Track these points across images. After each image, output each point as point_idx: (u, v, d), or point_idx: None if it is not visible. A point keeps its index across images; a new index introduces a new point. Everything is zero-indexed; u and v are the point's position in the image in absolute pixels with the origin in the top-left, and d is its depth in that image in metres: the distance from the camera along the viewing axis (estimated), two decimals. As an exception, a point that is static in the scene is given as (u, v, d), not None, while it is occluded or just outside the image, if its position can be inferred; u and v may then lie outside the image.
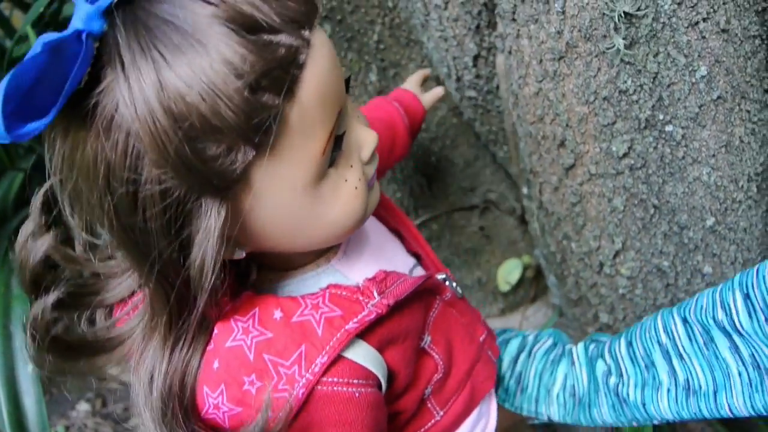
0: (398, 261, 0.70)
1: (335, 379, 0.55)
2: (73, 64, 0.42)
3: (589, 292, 1.01)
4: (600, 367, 0.83)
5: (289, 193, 0.51)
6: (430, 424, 0.70)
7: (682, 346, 0.72)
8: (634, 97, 0.78)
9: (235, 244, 0.51)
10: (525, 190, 1.10)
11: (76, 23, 0.43)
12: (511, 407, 0.86)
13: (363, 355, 0.58)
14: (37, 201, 0.56)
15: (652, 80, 0.77)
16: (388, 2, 0.97)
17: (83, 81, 0.44)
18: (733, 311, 0.66)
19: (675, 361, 0.73)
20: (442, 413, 0.70)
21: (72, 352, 0.57)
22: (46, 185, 0.55)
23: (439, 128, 1.11)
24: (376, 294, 0.59)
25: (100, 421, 1.62)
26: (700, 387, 0.71)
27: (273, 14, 0.45)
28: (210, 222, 0.47)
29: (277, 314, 0.56)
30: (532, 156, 0.94)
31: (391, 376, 0.62)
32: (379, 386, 0.60)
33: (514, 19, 0.80)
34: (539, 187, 0.96)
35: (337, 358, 0.55)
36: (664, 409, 0.74)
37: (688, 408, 0.72)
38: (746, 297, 0.65)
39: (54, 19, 1.46)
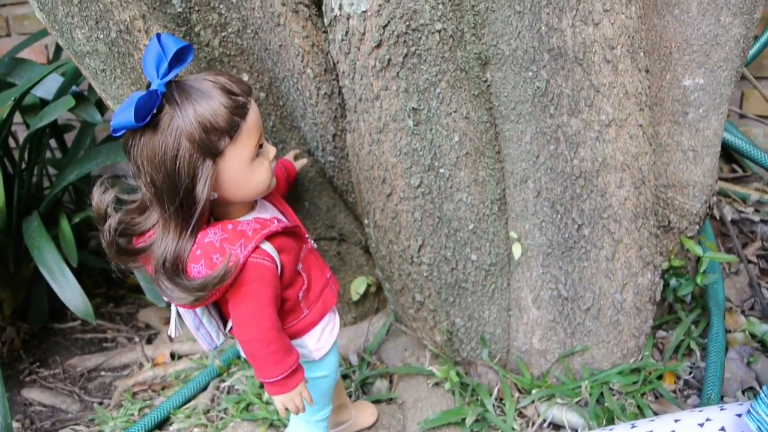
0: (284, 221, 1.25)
1: (257, 256, 1.08)
2: (154, 101, 0.98)
3: (407, 279, 1.58)
4: None
5: (240, 163, 1.05)
6: (302, 316, 1.23)
7: None
8: (421, 153, 1.40)
9: (212, 188, 1.03)
10: (366, 221, 1.68)
11: (154, 87, 0.99)
12: None
13: (270, 248, 1.10)
14: (97, 182, 1.09)
15: (429, 143, 1.39)
16: (280, 101, 1.57)
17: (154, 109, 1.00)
18: None
19: None
20: (307, 311, 1.24)
21: (122, 254, 1.08)
22: (102, 178, 1.09)
23: (309, 184, 1.69)
24: (276, 222, 1.14)
25: (32, 435, 1.98)
26: None
27: (237, 89, 1.04)
28: (207, 171, 1.01)
29: (230, 227, 1.08)
30: (368, 192, 1.54)
31: (282, 270, 1.14)
32: (277, 267, 1.12)
33: (356, 111, 1.42)
34: (373, 212, 1.56)
35: (257, 247, 1.08)
36: None
37: None
38: None
39: None
